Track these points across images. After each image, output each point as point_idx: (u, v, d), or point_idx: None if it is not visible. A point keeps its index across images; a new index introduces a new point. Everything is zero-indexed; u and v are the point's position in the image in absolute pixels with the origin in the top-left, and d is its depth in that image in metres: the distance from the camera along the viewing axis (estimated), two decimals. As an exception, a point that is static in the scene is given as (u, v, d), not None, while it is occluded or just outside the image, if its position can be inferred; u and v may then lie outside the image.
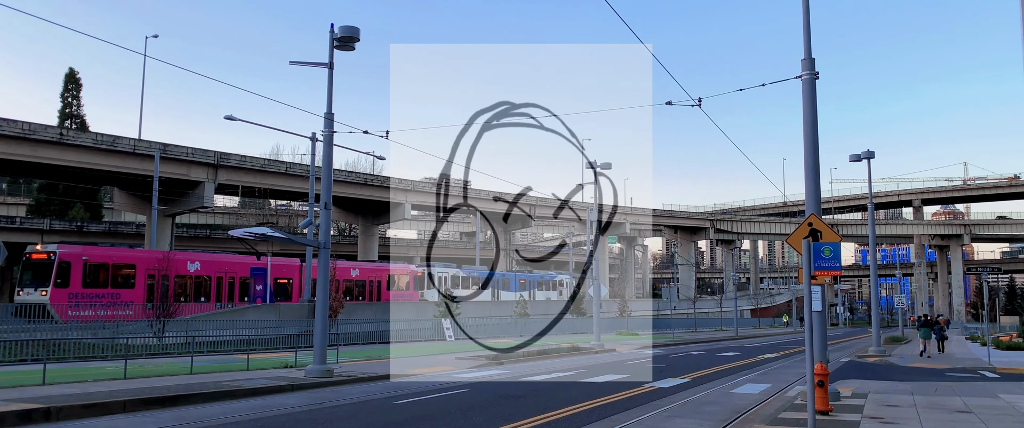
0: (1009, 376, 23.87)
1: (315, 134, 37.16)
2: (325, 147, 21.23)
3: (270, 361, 23.90)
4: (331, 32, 20.55)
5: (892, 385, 19.85)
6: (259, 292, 42.47)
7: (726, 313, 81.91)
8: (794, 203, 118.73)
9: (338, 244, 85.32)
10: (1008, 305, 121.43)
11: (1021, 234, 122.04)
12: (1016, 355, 33.60)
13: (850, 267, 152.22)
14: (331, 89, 20.99)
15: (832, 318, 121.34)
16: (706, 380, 21.57)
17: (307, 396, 16.85)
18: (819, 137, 15.75)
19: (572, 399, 16.26)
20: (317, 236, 21.37)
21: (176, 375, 19.54)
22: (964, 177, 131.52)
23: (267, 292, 42.86)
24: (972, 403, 15.56)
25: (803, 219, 14.25)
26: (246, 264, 42.23)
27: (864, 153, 34.90)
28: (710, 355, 34.22)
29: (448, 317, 43.19)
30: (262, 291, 42.60)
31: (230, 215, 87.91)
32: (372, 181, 68.07)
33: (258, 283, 42.40)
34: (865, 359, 32.74)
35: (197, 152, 54.89)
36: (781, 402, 16.00)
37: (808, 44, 15.65)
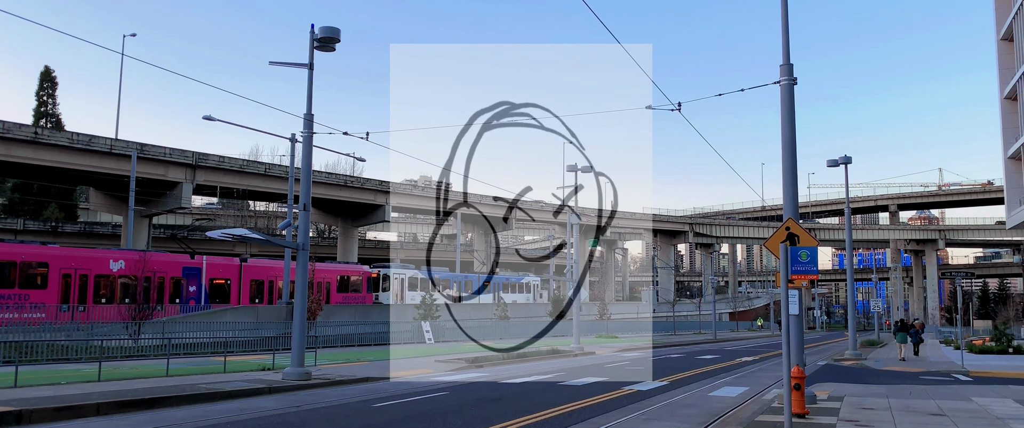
0: (982, 379, 24.17)
1: (294, 135, 36.93)
2: (304, 148, 21.09)
3: (248, 363, 23.70)
4: (312, 33, 20.45)
5: (868, 388, 20.03)
6: (192, 293, 39.16)
7: (705, 316, 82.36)
8: (772, 207, 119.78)
9: (317, 246, 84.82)
10: (981, 309, 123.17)
11: (994, 239, 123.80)
12: (989, 359, 34.03)
13: (827, 271, 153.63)
14: (311, 90, 20.87)
15: (809, 322, 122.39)
16: (685, 383, 21.66)
17: (284, 399, 16.72)
18: (797, 142, 15.88)
19: (551, 402, 16.27)
20: (296, 238, 21.23)
21: (152, 377, 19.33)
22: (939, 183, 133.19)
23: (202, 293, 39.51)
24: (946, 406, 15.74)
25: (781, 223, 14.37)
26: (178, 263, 39.16)
27: (841, 158, 35.22)
28: (689, 358, 34.38)
29: (428, 320, 43.07)
30: (196, 292, 39.30)
31: (208, 216, 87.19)
32: (352, 183, 67.81)
33: (192, 284, 39.14)
34: (841, 362, 33.03)
35: (175, 152, 54.41)
36: (758, 405, 16.10)
37: (786, 50, 15.78)
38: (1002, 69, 44.55)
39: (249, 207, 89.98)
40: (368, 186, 68.87)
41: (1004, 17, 43.73)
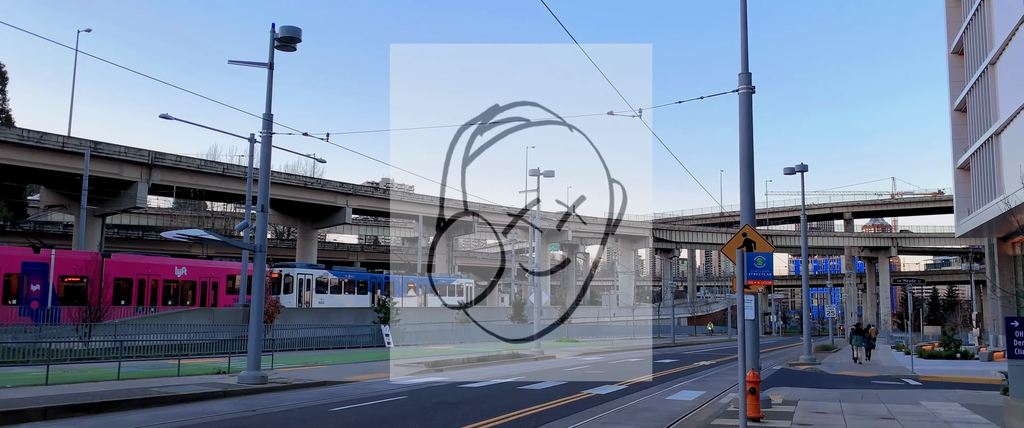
0: (931, 384, 24.77)
1: (254, 135, 36.44)
2: (263, 148, 20.83)
3: (202, 367, 23.29)
4: (272, 32, 20.22)
5: (821, 392, 20.40)
6: (35, 293, 33.60)
7: (664, 321, 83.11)
8: (730, 214, 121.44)
9: (276, 248, 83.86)
10: (931, 315, 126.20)
11: (944, 247, 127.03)
12: (938, 363, 34.91)
13: (784, 277, 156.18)
14: (271, 90, 20.63)
15: (765, 327, 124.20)
16: (643, 387, 21.83)
17: (239, 403, 16.46)
18: (755, 150, 16.15)
19: (510, 406, 16.27)
20: (253, 239, 20.94)
21: (102, 381, 18.89)
22: (892, 192, 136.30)
23: (48, 294, 33.95)
24: (895, 410, 16.10)
25: (738, 229, 14.56)
26: (17, 257, 33.95)
27: (798, 166, 35.88)
28: (647, 362, 34.65)
29: (387, 323, 42.81)
30: (40, 292, 33.74)
31: (164, 216, 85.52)
32: (312, 184, 67.13)
33: (34, 282, 33.65)
34: (796, 367, 33.59)
35: (130, 151, 53.32)
36: (714, 409, 16.30)
37: (745, 60, 16.03)
38: (952, 82, 45.77)
39: (206, 208, 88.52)
40: (328, 188, 68.23)
41: (955, 31, 44.95)
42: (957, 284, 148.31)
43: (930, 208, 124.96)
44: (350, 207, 69.71)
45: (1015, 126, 34.06)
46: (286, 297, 47.24)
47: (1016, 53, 33.55)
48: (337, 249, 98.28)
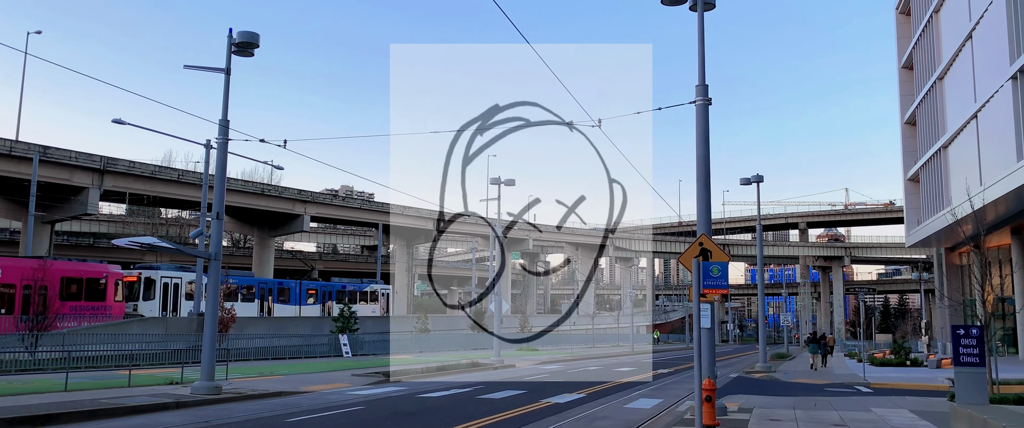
0: (882, 391, 25.29)
1: (210, 141, 35.91)
2: (219, 154, 20.52)
3: (155, 377, 22.79)
4: (229, 37, 19.97)
5: (776, 400, 20.69)
6: None
7: (623, 329, 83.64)
8: (688, 223, 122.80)
9: (231, 256, 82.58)
10: (883, 324, 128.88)
11: (895, 257, 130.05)
12: (889, 371, 35.65)
13: (740, 286, 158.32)
14: (227, 95, 20.35)
15: (723, 335, 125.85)
16: (601, 395, 21.92)
17: (192, 414, 16.13)
18: (712, 160, 16.37)
19: (469, 415, 16.20)
20: (208, 247, 20.57)
21: (49, 392, 18.37)
22: (845, 202, 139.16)
23: None
24: (847, 417, 16.40)
25: (695, 238, 14.73)
26: None
27: (754, 177, 36.48)
28: (607, 370, 34.82)
29: (345, 333, 42.38)
30: None
31: (117, 223, 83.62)
32: (269, 191, 66.28)
33: None
34: (752, 375, 34.04)
35: (81, 156, 52.08)
36: (672, 416, 16.43)
37: (702, 72, 16.26)
38: (903, 95, 47.03)
39: (161, 214, 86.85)
40: (286, 195, 67.43)
41: (905, 46, 46.21)
42: (908, 293, 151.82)
43: (882, 218, 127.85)
44: (308, 215, 68.96)
45: (961, 140, 35.10)
46: (147, 304, 40.81)
47: (963, 69, 34.61)
48: (295, 257, 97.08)
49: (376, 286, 60.32)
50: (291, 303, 51.25)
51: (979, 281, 18.68)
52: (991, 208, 30.46)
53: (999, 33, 28.39)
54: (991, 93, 29.85)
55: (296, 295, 51.80)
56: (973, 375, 14.64)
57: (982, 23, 31.29)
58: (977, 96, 31.99)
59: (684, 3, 16.23)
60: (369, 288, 59.19)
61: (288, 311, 50.38)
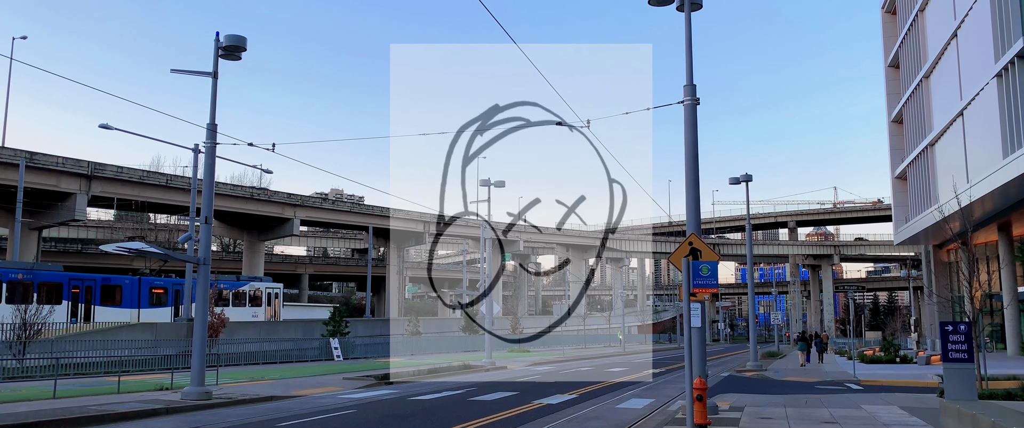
0: (872, 388, 25.40)
1: (198, 145, 35.72)
2: (207, 159, 20.44)
3: (144, 383, 22.68)
4: (217, 41, 19.89)
5: (767, 398, 20.75)
6: None
7: (614, 329, 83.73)
8: (678, 223, 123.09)
9: (221, 260, 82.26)
10: (872, 321, 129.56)
11: (884, 255, 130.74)
12: (878, 368, 35.81)
13: (730, 285, 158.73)
14: (215, 99, 20.27)
15: (714, 334, 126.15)
16: (593, 395, 21.93)
17: (182, 420, 16.05)
18: (701, 160, 16.41)
19: (461, 418, 16.18)
20: (197, 252, 20.48)
21: (37, 400, 18.24)
22: (834, 201, 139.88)
23: None
24: (838, 414, 16.47)
25: (685, 238, 14.77)
26: None
27: (743, 176, 36.59)
28: (598, 370, 34.85)
29: (336, 336, 42.27)
30: None
31: (105, 229, 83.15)
32: (259, 195, 66.06)
33: None
34: (743, 373, 34.12)
35: (68, 161, 51.77)
36: (663, 416, 16.46)
37: (690, 72, 16.31)
38: (889, 94, 47.31)
39: (149, 220, 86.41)
40: (276, 199, 67.22)
41: (891, 46, 46.49)
42: (897, 290, 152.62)
43: (870, 217, 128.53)
44: (298, 218, 68.73)
45: (948, 137, 35.33)
46: None
47: (948, 67, 34.84)
48: (285, 261, 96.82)
49: (259, 285, 49.54)
50: (124, 305, 40.18)
51: (967, 278, 18.78)
52: (978, 205, 30.66)
53: (984, 31, 28.60)
54: (977, 90, 30.07)
55: (131, 295, 40.70)
56: (962, 371, 14.72)
57: (967, 21, 31.51)
58: (963, 94, 32.21)
59: (671, 3, 16.28)
60: (247, 288, 48.18)
61: (117, 316, 38.63)
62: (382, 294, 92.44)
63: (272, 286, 51.07)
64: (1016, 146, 25.79)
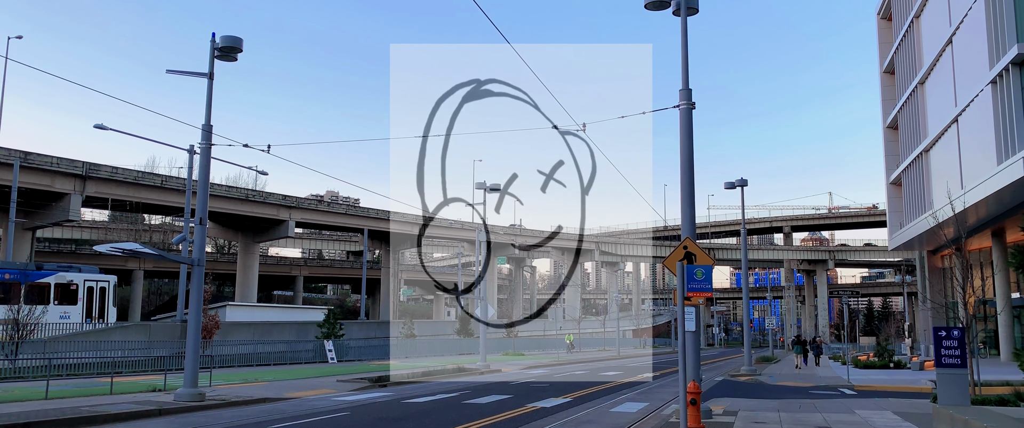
0: (865, 393, 25.43)
1: (193, 146, 35.68)
2: (202, 160, 20.40)
3: (137, 385, 22.60)
4: (212, 42, 19.85)
5: (761, 403, 20.76)
6: None
7: (609, 333, 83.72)
8: (673, 227, 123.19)
9: (215, 262, 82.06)
10: (867, 326, 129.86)
11: (879, 260, 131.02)
12: (872, 373, 35.87)
13: (725, 290, 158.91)
14: (210, 100, 20.22)
15: (709, 339, 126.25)
16: (587, 399, 21.91)
17: (175, 421, 15.99)
18: (697, 164, 16.42)
19: (455, 421, 16.15)
20: (191, 253, 20.43)
21: (29, 400, 18.15)
22: (829, 206, 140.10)
23: None
24: (831, 419, 16.48)
25: (680, 242, 14.77)
26: None
27: (738, 181, 36.62)
28: (593, 374, 34.82)
29: (331, 339, 42.21)
30: None
31: (99, 230, 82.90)
32: (254, 197, 65.92)
33: None
34: (737, 378, 34.15)
35: (63, 162, 51.62)
36: (658, 420, 16.44)
37: (685, 76, 16.33)
38: (885, 100, 47.45)
39: (144, 221, 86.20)
40: (271, 201, 67.09)
41: (887, 52, 46.64)
42: (891, 296, 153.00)
43: (865, 222, 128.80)
44: (293, 220, 68.60)
45: (943, 143, 35.44)
46: None
47: (943, 73, 34.96)
48: (280, 263, 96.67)
49: (72, 275, 37.37)
50: None
51: (961, 283, 18.83)
52: (972, 211, 30.76)
53: (979, 37, 28.71)
54: (971, 97, 30.17)
55: None
56: (955, 376, 14.75)
57: (962, 28, 31.63)
58: (958, 100, 32.31)
59: (667, 8, 16.29)
60: (53, 279, 36.14)
61: None
62: (377, 296, 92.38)
63: (98, 277, 38.31)
64: (1010, 152, 25.88)
